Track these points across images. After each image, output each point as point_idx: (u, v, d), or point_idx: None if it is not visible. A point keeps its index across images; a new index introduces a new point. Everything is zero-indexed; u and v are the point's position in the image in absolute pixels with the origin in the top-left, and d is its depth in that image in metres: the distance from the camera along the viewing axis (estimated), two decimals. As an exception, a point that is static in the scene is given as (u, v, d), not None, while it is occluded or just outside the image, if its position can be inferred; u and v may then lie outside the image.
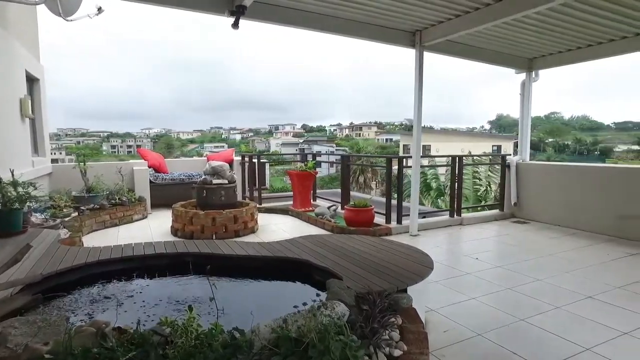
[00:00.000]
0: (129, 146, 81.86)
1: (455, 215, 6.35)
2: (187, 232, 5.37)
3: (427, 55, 5.55)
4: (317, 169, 7.79)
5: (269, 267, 3.12)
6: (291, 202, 7.39)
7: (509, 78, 6.95)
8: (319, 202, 7.88)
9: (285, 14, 4.66)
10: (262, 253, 3.19)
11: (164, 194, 7.35)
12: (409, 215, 5.70)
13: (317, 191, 8.66)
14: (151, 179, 7.26)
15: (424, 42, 5.36)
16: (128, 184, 6.98)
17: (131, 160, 7.69)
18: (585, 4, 4.35)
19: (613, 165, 6.23)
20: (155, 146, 76.19)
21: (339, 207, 6.76)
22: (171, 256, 3.17)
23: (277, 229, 5.94)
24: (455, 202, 6.38)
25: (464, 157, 6.81)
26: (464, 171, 12.09)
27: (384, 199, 6.52)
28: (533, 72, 6.71)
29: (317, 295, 1.84)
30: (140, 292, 2.71)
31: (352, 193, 8.06)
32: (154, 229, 5.85)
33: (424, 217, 6.52)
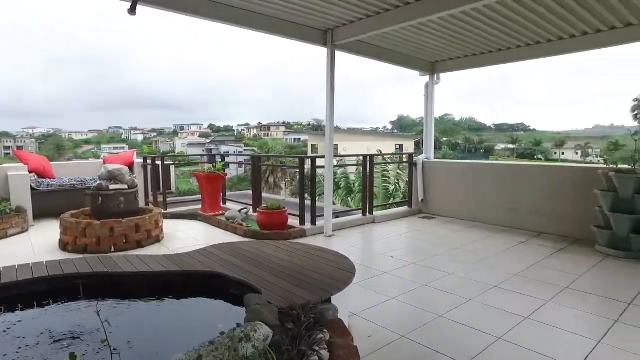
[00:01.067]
0: (7, 147, 71.71)
1: (367, 214, 6.46)
2: (80, 245, 4.68)
3: (338, 55, 5.53)
4: (226, 170, 7.41)
5: (177, 283, 2.77)
6: (199, 206, 6.92)
7: (409, 81, 7.34)
8: (229, 205, 7.50)
9: (194, 3, 4.28)
10: (169, 267, 2.82)
11: (51, 203, 6.40)
12: (323, 215, 5.64)
13: (227, 193, 8.26)
14: (33, 185, 6.24)
15: (335, 41, 5.33)
16: (1, 193, 5.93)
17: (6, 165, 6.55)
18: (482, 14, 4.65)
19: (505, 163, 6.86)
20: (41, 148, 67.74)
21: (251, 210, 6.49)
22: (55, 279, 2.66)
23: (185, 236, 5.48)
24: (368, 201, 6.49)
25: (374, 157, 6.95)
26: (374, 170, 12.63)
27: (296, 200, 6.40)
28: (435, 75, 7.10)
29: (238, 325, 1.59)
30: (7, 331, 2.18)
31: (263, 194, 7.81)
32: (37, 244, 5.01)
33: (337, 217, 6.53)
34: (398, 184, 12.55)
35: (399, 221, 6.58)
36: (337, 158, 8.42)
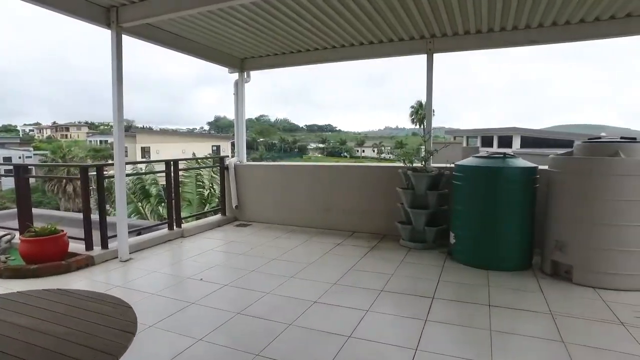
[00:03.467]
0: None
1: (175, 227, 5.60)
2: None
3: (146, 47, 4.53)
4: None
5: None
6: None
7: (227, 79, 6.73)
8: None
9: None
10: None
11: None
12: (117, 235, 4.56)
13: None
14: None
15: (121, 22, 4.31)
16: None
17: None
18: (290, 9, 4.39)
19: (318, 164, 6.91)
20: None
21: (17, 236, 4.89)
22: None
23: None
24: (174, 212, 5.62)
25: (180, 161, 6.10)
26: (186, 174, 11.52)
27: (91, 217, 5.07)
28: (245, 73, 6.67)
29: None
30: None
31: (40, 211, 6.09)
32: None
33: (139, 233, 5.48)
34: (213, 188, 11.80)
35: (212, 232, 5.92)
36: (134, 164, 7.19)
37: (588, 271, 3.65)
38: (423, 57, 5.34)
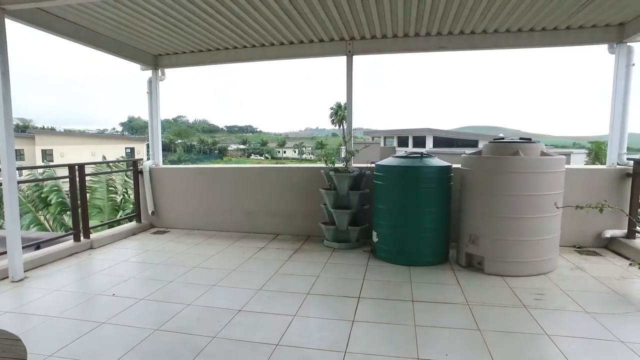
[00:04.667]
0: None
1: (82, 238, 5.06)
2: None
3: (47, 38, 3.99)
4: None
5: None
6: None
7: (140, 78, 6.25)
8: None
9: None
10: None
11: None
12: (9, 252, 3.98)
13: None
14: None
15: (4, 4, 3.77)
16: None
17: None
18: (207, 4, 4.18)
19: (238, 166, 6.69)
20: None
21: None
22: None
23: None
24: (81, 222, 5.08)
25: (86, 165, 5.53)
26: (95, 179, 10.54)
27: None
28: (159, 70, 6.26)
29: None
30: None
31: None
32: None
33: (38, 247, 4.87)
34: (127, 194, 10.96)
35: (126, 241, 5.46)
36: (31, 169, 6.41)
37: (497, 261, 3.95)
38: (343, 59, 5.42)
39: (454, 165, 4.60)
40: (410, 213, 4.35)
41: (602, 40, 4.93)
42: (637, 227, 4.74)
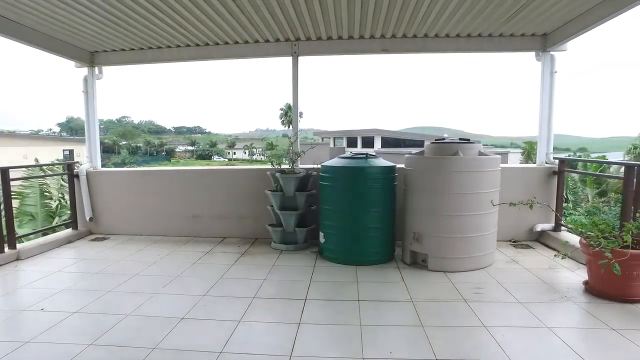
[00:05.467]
0: None
1: (7, 249, 4.66)
2: None
3: None
4: None
5: None
6: None
7: (79, 76, 5.88)
8: None
9: None
10: None
11: None
12: None
13: None
14: None
15: None
16: None
17: None
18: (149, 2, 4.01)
19: (184, 168, 6.48)
20: None
21: None
22: None
23: None
24: (6, 231, 4.68)
25: (13, 169, 5.10)
26: (26, 184, 9.77)
27: None
28: (96, 68, 5.92)
29: None
30: None
31: None
32: None
33: (-44, 260, 4.43)
34: (63, 199, 10.26)
35: (60, 250, 5.10)
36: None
37: (439, 258, 4.10)
38: (289, 60, 5.40)
39: (398, 165, 4.72)
40: (356, 213, 4.41)
41: (530, 48, 5.26)
42: (562, 221, 5.12)
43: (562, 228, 5.10)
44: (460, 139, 4.47)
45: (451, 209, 4.05)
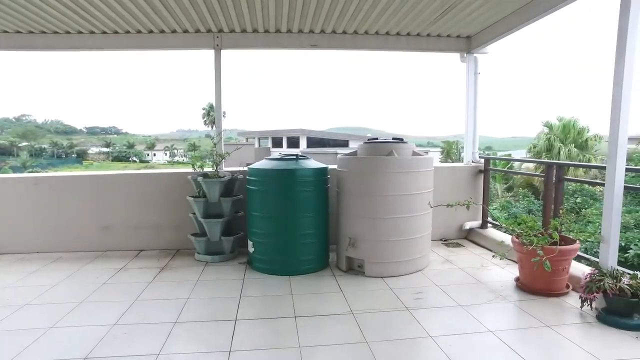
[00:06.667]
0: None
1: None
2: None
3: None
4: None
5: None
6: None
7: None
8: None
9: None
10: None
11: None
12: None
13: None
14: None
15: None
16: None
17: None
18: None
19: (94, 173, 5.67)
20: None
21: None
22: None
23: None
24: None
25: None
26: None
27: None
28: (-27, 56, 4.96)
29: None
30: None
31: None
32: None
33: None
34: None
35: None
36: None
37: (376, 263, 3.94)
38: (211, 53, 4.94)
39: (330, 167, 4.50)
40: (287, 219, 4.10)
41: (455, 49, 5.36)
42: (489, 218, 5.27)
43: (489, 225, 5.24)
44: (393, 138, 4.36)
45: (387, 211, 3.91)
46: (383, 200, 3.91)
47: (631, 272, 3.12)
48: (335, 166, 4.43)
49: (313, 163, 4.32)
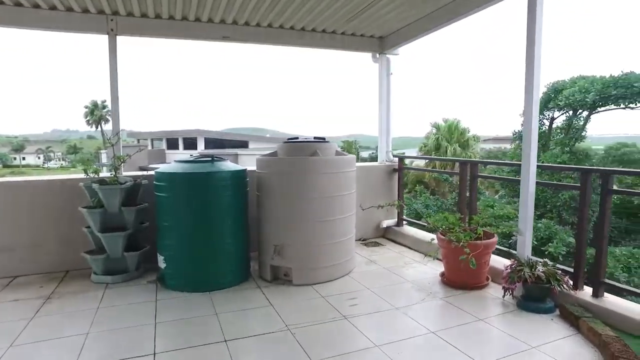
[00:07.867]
0: None
1: None
2: None
3: None
4: None
5: None
6: None
7: None
8: None
9: None
10: None
11: None
12: None
13: None
14: None
15: None
16: None
17: None
18: None
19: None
20: None
21: None
22: None
23: None
24: None
25: None
26: None
27: None
28: None
29: None
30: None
31: None
32: None
33: None
34: None
35: None
36: None
37: (304, 270, 3.71)
38: (104, 39, 4.23)
39: (249, 168, 4.15)
40: (203, 228, 3.64)
41: (369, 49, 5.39)
42: (404, 216, 5.41)
43: (404, 222, 5.37)
44: (315, 137, 4.17)
45: (314, 214, 3.70)
46: (309, 203, 3.70)
47: (542, 260, 3.35)
48: (254, 168, 4.10)
49: (231, 165, 3.93)
